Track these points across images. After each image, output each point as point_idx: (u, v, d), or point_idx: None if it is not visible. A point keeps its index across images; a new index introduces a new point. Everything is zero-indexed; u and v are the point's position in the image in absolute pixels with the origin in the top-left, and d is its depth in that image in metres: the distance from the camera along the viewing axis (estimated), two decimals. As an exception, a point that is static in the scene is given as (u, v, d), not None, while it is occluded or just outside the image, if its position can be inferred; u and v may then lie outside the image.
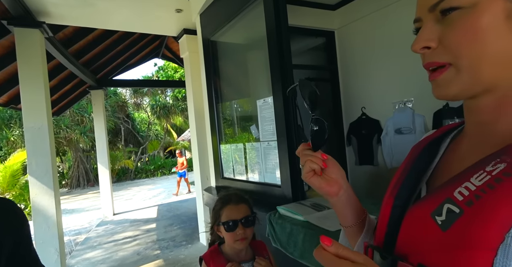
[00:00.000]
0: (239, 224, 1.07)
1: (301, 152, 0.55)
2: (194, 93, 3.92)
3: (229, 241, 1.08)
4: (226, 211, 1.10)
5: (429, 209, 0.37)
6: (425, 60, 0.41)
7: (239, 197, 1.13)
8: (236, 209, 1.10)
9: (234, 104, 2.68)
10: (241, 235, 1.06)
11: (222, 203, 1.11)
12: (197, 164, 3.90)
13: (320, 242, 0.35)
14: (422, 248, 0.36)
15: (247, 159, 2.28)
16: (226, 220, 1.08)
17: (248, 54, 2.56)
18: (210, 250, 1.13)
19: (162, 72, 17.01)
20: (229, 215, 1.09)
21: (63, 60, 4.36)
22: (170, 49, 7.97)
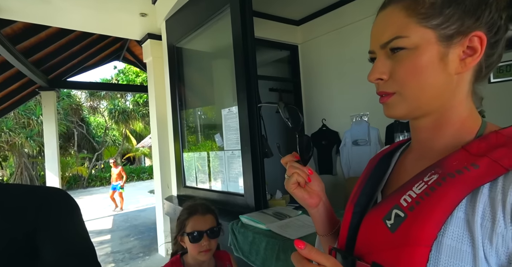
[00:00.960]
0: (204, 235, 1.06)
1: (289, 163, 0.58)
2: (157, 99, 3.82)
3: (192, 252, 1.06)
4: (192, 221, 1.08)
5: (381, 214, 0.43)
6: (378, 89, 0.49)
7: (206, 208, 1.12)
8: (203, 219, 1.09)
9: (198, 112, 2.66)
10: (206, 247, 1.05)
11: (188, 213, 1.10)
12: (158, 171, 3.77)
13: (294, 245, 0.39)
14: (375, 248, 0.42)
15: (211, 168, 2.26)
16: (191, 231, 1.06)
17: (213, 63, 2.57)
18: (172, 261, 1.10)
19: (122, 75, 16.31)
20: (195, 226, 1.07)
21: (9, 57, 4.01)
22: (132, 52, 7.71)
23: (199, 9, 2.34)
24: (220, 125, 2.23)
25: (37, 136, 11.53)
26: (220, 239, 1.13)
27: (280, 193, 2.01)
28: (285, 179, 0.61)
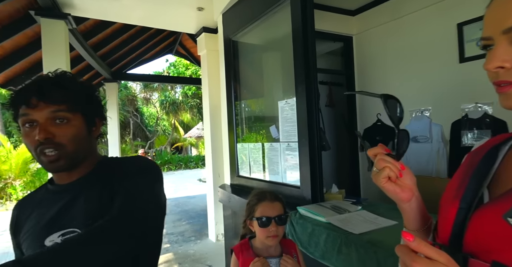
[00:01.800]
0: (272, 221, 1.10)
1: (379, 156, 0.56)
2: (210, 91, 3.96)
3: (260, 237, 1.11)
4: (261, 207, 1.13)
5: (500, 211, 0.41)
6: (497, 78, 0.45)
7: (275, 195, 1.16)
8: (271, 206, 1.13)
9: (253, 104, 2.71)
10: (274, 232, 1.09)
11: (258, 199, 1.14)
12: (210, 161, 3.94)
13: (402, 237, 0.39)
14: (494, 247, 0.40)
15: (265, 159, 2.31)
16: (260, 216, 1.11)
17: (269, 55, 2.59)
18: (241, 243, 1.16)
19: (173, 68, 17.13)
20: (263, 211, 1.12)
21: (82, 52, 4.44)
22: (184, 46, 8.04)
23: (257, 1, 2.36)
24: (275, 117, 2.26)
25: (99, 124, 12.64)
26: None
27: (336, 187, 1.99)
28: (372, 171, 0.61)
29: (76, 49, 4.26)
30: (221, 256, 3.12)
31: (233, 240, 2.63)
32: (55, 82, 0.71)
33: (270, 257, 1.11)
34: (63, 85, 0.71)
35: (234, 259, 1.14)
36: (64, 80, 0.73)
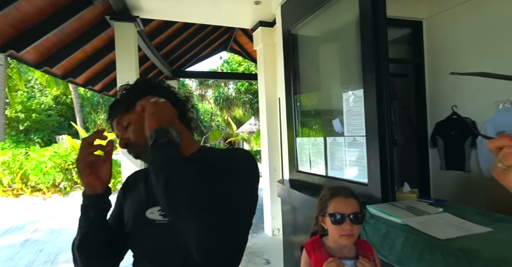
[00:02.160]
0: (347, 219, 1.03)
1: (508, 150, 0.47)
2: (267, 85, 3.95)
3: (333, 235, 1.05)
4: (334, 202, 1.07)
5: None
6: None
7: (349, 191, 1.09)
8: (345, 202, 1.05)
9: (314, 97, 2.62)
10: (348, 231, 1.01)
11: (331, 194, 1.08)
12: (266, 155, 3.94)
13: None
14: None
15: (327, 153, 2.21)
16: (333, 212, 1.05)
17: (332, 46, 2.46)
18: (312, 240, 1.11)
19: (226, 65, 17.59)
20: (337, 208, 1.05)
21: (148, 52, 4.76)
22: (238, 42, 8.18)
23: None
24: (338, 110, 2.14)
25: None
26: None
27: (408, 186, 1.82)
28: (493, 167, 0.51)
29: (142, 49, 4.58)
30: (278, 251, 3.10)
31: (291, 236, 2.59)
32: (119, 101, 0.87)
33: (344, 258, 1.04)
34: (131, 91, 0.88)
35: (305, 257, 1.09)
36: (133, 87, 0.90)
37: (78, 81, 4.70)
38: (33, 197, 8.65)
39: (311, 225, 1.20)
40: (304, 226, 2.31)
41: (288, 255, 2.64)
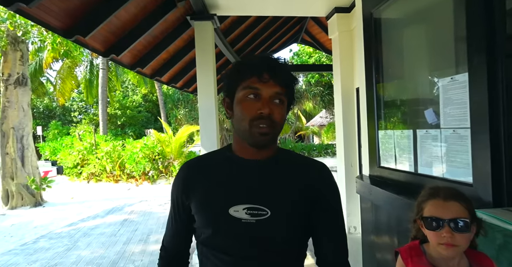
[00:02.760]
0: (445, 225, 0.86)
1: None
2: (343, 75, 3.73)
3: (431, 241, 0.90)
4: (429, 205, 0.92)
5: None
6: None
7: (451, 193, 0.92)
8: (443, 205, 0.89)
9: (399, 86, 2.36)
10: (447, 240, 0.85)
11: (429, 195, 0.94)
12: (342, 150, 3.75)
13: None
14: None
15: (417, 148, 1.97)
16: (427, 216, 0.90)
17: (425, 25, 2.17)
18: (409, 246, 0.98)
19: (296, 58, 17.36)
20: (432, 211, 0.90)
21: (223, 49, 4.95)
22: (309, 33, 7.96)
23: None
24: (431, 99, 1.88)
25: (233, 113, 14.19)
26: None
27: (527, 189, 1.49)
28: None
29: (218, 46, 4.78)
30: (356, 250, 2.92)
31: (372, 236, 2.41)
32: (284, 67, 0.77)
33: (452, 271, 0.89)
34: (289, 72, 0.77)
35: (401, 264, 0.96)
36: (288, 67, 0.79)
37: (163, 79, 5.17)
38: (128, 183, 9.98)
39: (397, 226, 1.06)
40: (388, 226, 2.12)
41: (368, 256, 2.47)
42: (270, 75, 0.73)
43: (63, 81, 14.55)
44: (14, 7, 2.18)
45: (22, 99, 7.55)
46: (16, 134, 7.39)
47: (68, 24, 2.74)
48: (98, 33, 3.02)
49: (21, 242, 4.60)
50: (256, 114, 0.73)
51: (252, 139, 0.75)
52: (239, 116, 0.75)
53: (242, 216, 0.74)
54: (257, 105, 0.73)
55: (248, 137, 0.75)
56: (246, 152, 0.80)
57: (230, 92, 0.78)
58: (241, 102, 0.75)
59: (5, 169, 7.28)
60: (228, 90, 0.78)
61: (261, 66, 0.73)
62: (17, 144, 7.40)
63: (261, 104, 0.72)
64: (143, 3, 3.23)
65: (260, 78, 0.73)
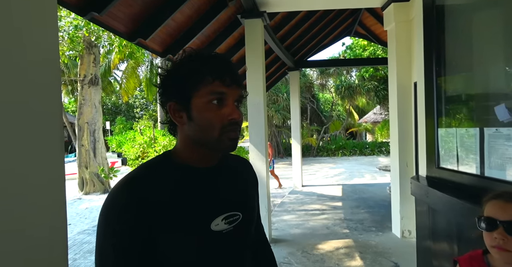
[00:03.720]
0: (499, 227, 0.79)
1: None
2: (399, 69, 3.50)
3: (486, 244, 0.84)
4: (490, 205, 0.85)
5: None
6: None
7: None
8: (503, 207, 0.82)
9: (464, 79, 2.14)
10: (498, 242, 0.79)
11: (492, 196, 0.86)
12: (396, 148, 3.53)
13: None
14: None
15: (484, 148, 1.77)
16: (485, 215, 0.84)
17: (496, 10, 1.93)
18: (470, 255, 0.91)
19: (349, 51, 16.63)
20: (490, 211, 0.84)
21: (272, 45, 4.97)
22: (363, 25, 7.57)
23: None
24: (503, 94, 1.68)
25: (282, 110, 14.19)
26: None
27: None
28: None
29: (268, 43, 4.81)
30: (410, 255, 2.76)
31: (428, 241, 2.24)
32: (236, 68, 0.72)
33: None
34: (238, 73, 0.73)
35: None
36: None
37: (215, 77, 5.35)
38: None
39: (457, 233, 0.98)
40: (447, 233, 1.95)
41: (423, 262, 2.30)
42: (231, 78, 0.68)
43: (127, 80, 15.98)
44: (88, 16, 2.46)
45: (95, 97, 8.49)
46: (89, 128, 8.34)
47: (131, 29, 3.01)
48: (157, 36, 3.26)
49: (93, 223, 5.21)
50: (226, 122, 0.68)
51: (221, 146, 0.69)
52: (205, 124, 0.67)
53: (222, 228, 0.70)
54: (225, 111, 0.68)
55: (216, 144, 0.69)
56: (201, 160, 0.72)
57: (182, 97, 0.68)
58: (206, 110, 0.67)
59: (81, 159, 8.28)
60: (180, 95, 0.68)
61: (222, 69, 0.68)
62: (90, 137, 8.36)
63: (231, 110, 0.68)
64: (196, 4, 3.39)
65: (223, 82, 0.67)
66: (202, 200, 0.69)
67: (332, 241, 3.44)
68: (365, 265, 2.79)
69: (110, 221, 0.64)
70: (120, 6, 2.69)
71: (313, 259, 2.95)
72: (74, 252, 3.76)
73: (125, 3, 2.74)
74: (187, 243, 0.66)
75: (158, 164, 0.72)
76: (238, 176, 0.81)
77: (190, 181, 0.70)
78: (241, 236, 0.75)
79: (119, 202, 0.64)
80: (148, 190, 0.65)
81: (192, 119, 0.68)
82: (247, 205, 0.78)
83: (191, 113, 0.68)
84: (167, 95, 0.70)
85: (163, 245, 0.64)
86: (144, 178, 0.68)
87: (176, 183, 0.68)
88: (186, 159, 0.72)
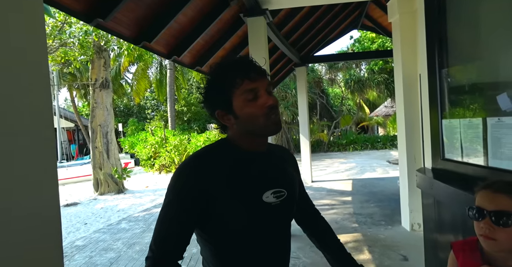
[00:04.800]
0: (486, 216, 0.81)
1: None
2: (404, 61, 3.46)
3: (476, 232, 0.86)
4: (479, 195, 0.87)
5: None
6: None
7: (503, 186, 0.84)
8: (490, 197, 0.84)
9: (468, 69, 2.12)
10: (484, 231, 0.81)
11: (482, 186, 0.88)
12: (403, 141, 3.50)
13: None
14: None
15: (488, 138, 1.76)
16: (476, 205, 0.86)
17: None
18: (465, 241, 0.94)
19: (357, 44, 16.40)
20: (479, 201, 0.86)
21: (277, 42, 4.97)
22: (370, 17, 7.47)
23: None
24: (505, 82, 1.66)
25: (292, 106, 14.15)
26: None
27: None
28: None
29: (272, 40, 4.82)
30: (418, 248, 2.74)
31: (434, 234, 2.23)
32: (255, 63, 0.84)
33: (511, 270, 0.81)
34: (259, 66, 0.85)
35: (452, 258, 0.93)
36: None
37: (220, 76, 5.41)
38: (194, 173, 10.74)
39: (462, 224, 1.00)
40: (451, 224, 1.94)
41: (430, 255, 2.30)
42: (255, 73, 0.80)
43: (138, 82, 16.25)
44: (94, 22, 2.54)
45: (106, 100, 8.69)
46: (102, 130, 8.56)
47: (136, 32, 3.08)
48: (161, 38, 3.33)
49: (108, 222, 5.37)
50: (266, 109, 0.80)
51: (268, 130, 0.83)
52: (250, 118, 0.80)
53: (271, 200, 0.83)
54: (261, 102, 0.80)
55: (264, 130, 0.83)
56: (252, 145, 0.86)
57: (224, 104, 0.81)
58: (246, 107, 0.80)
59: (95, 160, 8.51)
60: (222, 103, 0.82)
61: (245, 68, 0.80)
62: (103, 139, 8.57)
63: (265, 99, 0.80)
64: (199, 5, 3.44)
65: (250, 79, 0.79)
66: (255, 175, 0.84)
67: (341, 235, 3.38)
68: (373, 258, 2.80)
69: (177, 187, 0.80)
70: (124, 11, 2.76)
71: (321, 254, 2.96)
72: (90, 250, 3.90)
73: (128, 8, 2.81)
74: (241, 210, 0.81)
75: (219, 146, 0.89)
76: (282, 160, 0.95)
77: (246, 160, 0.85)
78: (286, 210, 0.89)
79: (182, 173, 0.82)
80: (211, 165, 0.81)
81: (238, 117, 0.81)
82: (290, 184, 0.91)
83: (236, 114, 0.81)
84: (212, 107, 0.85)
85: (221, 211, 0.79)
86: (208, 156, 0.85)
87: (235, 161, 0.83)
88: (240, 145, 0.86)
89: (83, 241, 4.32)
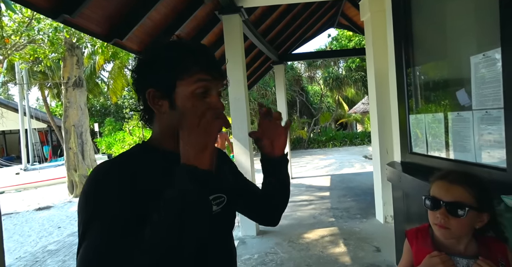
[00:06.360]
0: (441, 207, 0.86)
1: None
2: (376, 59, 3.56)
3: (430, 221, 0.90)
4: (435, 185, 0.91)
5: None
6: None
7: (459, 177, 0.89)
8: (446, 188, 0.88)
9: (431, 68, 2.21)
10: (439, 221, 0.85)
11: (438, 177, 0.92)
12: (376, 136, 3.61)
13: None
14: None
15: (449, 132, 1.85)
16: (429, 195, 0.90)
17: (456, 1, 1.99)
18: (418, 228, 0.98)
19: (335, 42, 16.69)
20: (435, 191, 0.90)
21: (254, 40, 4.98)
22: (346, 15, 7.62)
23: None
24: (464, 79, 1.75)
25: (272, 104, 14.21)
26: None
27: None
28: None
29: (249, 38, 4.82)
30: (390, 240, 2.85)
31: (404, 225, 2.33)
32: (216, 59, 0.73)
33: (458, 255, 0.87)
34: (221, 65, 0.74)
35: (407, 245, 0.98)
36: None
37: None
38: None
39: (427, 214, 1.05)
40: (419, 215, 2.03)
41: (400, 245, 2.38)
42: (217, 70, 0.68)
43: (114, 81, 15.75)
44: (60, 18, 2.44)
45: (80, 99, 8.39)
46: (76, 131, 8.26)
47: (107, 29, 2.99)
48: (134, 35, 3.24)
49: (84, 225, 5.21)
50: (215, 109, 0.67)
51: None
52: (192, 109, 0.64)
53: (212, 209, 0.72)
54: (211, 101, 0.67)
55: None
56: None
57: (164, 85, 0.66)
58: (191, 100, 0.66)
59: (69, 162, 8.22)
60: (162, 82, 0.66)
61: (209, 60, 0.68)
62: (78, 140, 8.28)
63: (216, 100, 0.68)
64: (172, 3, 3.38)
65: (210, 73, 0.67)
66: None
67: (318, 230, 3.52)
68: (349, 250, 2.88)
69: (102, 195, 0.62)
70: (92, 7, 2.67)
71: (299, 248, 3.03)
72: (64, 254, 3.77)
73: (97, 4, 2.72)
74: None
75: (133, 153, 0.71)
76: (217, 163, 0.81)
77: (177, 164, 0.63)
78: (228, 217, 0.80)
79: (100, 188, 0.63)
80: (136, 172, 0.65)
81: (175, 108, 0.66)
82: (230, 188, 0.81)
83: (174, 103, 0.66)
84: (146, 82, 0.68)
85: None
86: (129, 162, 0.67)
87: (164, 170, 0.65)
88: (168, 146, 0.70)
89: (56, 245, 4.18)
